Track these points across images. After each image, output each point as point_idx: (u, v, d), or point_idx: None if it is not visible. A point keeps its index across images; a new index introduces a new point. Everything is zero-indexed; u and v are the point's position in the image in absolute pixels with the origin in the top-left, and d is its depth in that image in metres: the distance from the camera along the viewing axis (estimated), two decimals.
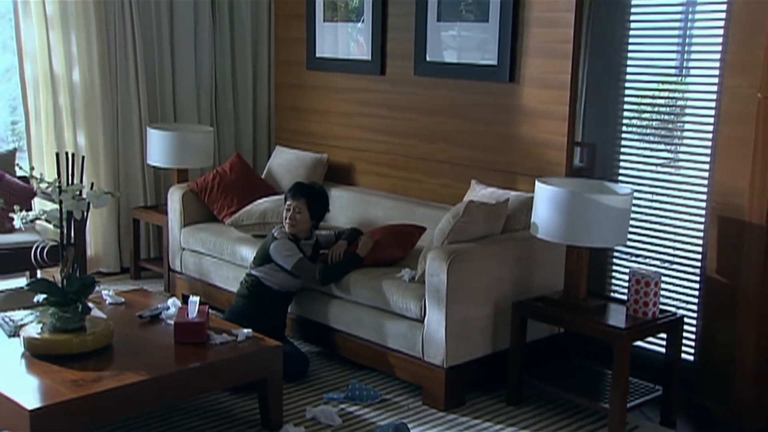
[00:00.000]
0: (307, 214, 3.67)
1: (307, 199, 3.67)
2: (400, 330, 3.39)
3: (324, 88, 4.87)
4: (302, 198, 3.67)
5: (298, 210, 3.65)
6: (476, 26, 3.98)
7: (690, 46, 3.54)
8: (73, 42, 4.73)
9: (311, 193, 3.72)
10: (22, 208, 3.48)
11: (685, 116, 3.52)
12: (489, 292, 3.35)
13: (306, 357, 3.62)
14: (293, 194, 3.70)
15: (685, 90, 3.52)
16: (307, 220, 3.68)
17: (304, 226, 3.68)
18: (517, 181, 3.89)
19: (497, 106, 3.96)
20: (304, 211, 3.66)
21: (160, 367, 2.81)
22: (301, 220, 3.66)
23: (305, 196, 3.68)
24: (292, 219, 3.65)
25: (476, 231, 3.39)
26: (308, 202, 3.67)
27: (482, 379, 3.44)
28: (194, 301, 3.09)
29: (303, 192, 3.70)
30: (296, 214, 3.65)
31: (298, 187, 3.74)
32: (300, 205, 3.66)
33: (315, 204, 3.70)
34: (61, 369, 2.70)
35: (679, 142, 3.55)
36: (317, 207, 3.72)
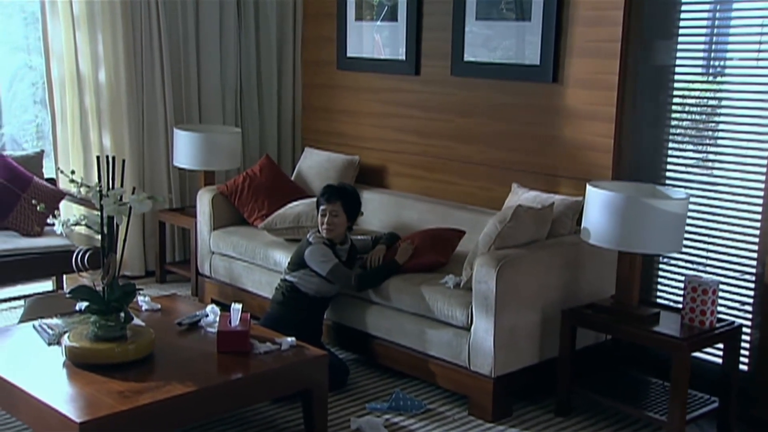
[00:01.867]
0: (344, 217, 3.58)
1: (343, 201, 3.58)
2: (445, 338, 3.29)
3: (355, 88, 4.77)
4: (338, 200, 3.57)
5: (335, 213, 3.55)
6: (517, 25, 3.88)
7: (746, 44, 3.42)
8: (100, 42, 4.64)
9: (346, 194, 3.63)
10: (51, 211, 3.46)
11: (738, 117, 3.40)
12: (537, 299, 3.26)
13: (345, 365, 3.53)
14: (328, 197, 3.59)
15: (740, 90, 3.40)
16: (344, 223, 3.59)
17: (341, 229, 3.59)
18: (559, 184, 3.79)
19: (539, 107, 3.86)
20: (341, 213, 3.57)
21: (206, 377, 2.72)
22: (339, 224, 3.56)
23: (340, 198, 3.59)
24: (329, 224, 3.55)
25: (523, 236, 3.30)
26: (344, 204, 3.58)
27: (529, 389, 3.34)
28: (237, 309, 3.00)
29: (338, 194, 3.61)
30: (333, 218, 3.55)
31: (331, 190, 3.65)
32: (336, 208, 3.56)
33: (350, 205, 3.62)
34: (105, 379, 2.61)
35: (733, 144, 3.43)
36: (353, 208, 3.64)
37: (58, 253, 3.94)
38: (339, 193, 3.61)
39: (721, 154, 3.46)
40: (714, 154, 3.50)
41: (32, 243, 3.93)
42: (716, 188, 3.44)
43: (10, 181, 4.04)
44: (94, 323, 2.76)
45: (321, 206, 3.61)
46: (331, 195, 3.60)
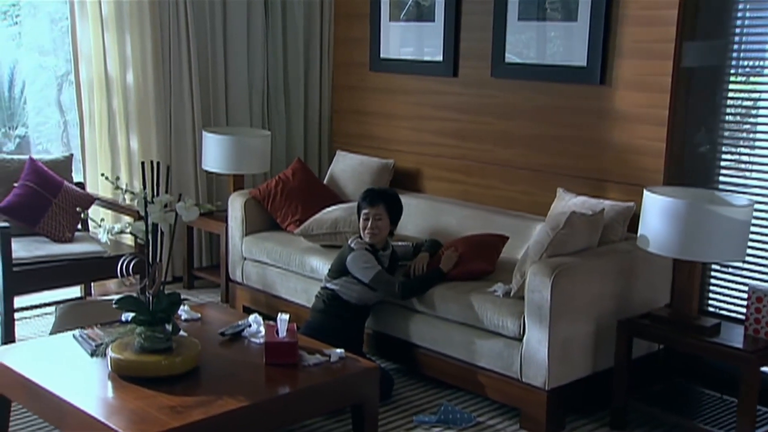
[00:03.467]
0: (388, 220, 3.50)
1: (386, 203, 3.50)
2: (495, 348, 3.19)
3: (389, 90, 4.67)
4: (381, 203, 3.48)
5: (378, 217, 3.46)
6: (563, 26, 3.77)
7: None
8: (128, 43, 4.55)
9: (389, 197, 3.56)
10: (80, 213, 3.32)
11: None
12: (591, 308, 3.15)
13: (390, 375, 3.43)
14: (370, 201, 3.50)
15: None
16: (387, 227, 3.50)
17: (384, 234, 3.50)
18: (606, 189, 3.69)
19: (585, 109, 3.75)
20: (385, 217, 3.48)
21: (257, 391, 2.62)
22: (383, 227, 3.48)
23: (384, 201, 3.50)
24: (373, 228, 3.45)
25: (577, 243, 3.19)
26: (387, 207, 3.50)
27: (582, 402, 3.24)
28: (284, 319, 2.90)
29: (381, 197, 3.52)
30: (377, 222, 3.46)
31: (374, 193, 3.56)
32: (380, 211, 3.47)
33: (394, 208, 3.54)
34: (153, 393, 2.52)
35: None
36: (396, 211, 3.56)
37: (90, 259, 3.85)
38: (382, 196, 3.54)
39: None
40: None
41: (65, 249, 3.83)
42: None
43: (41, 186, 3.95)
44: (140, 334, 2.66)
45: (363, 210, 3.50)
46: (374, 198, 3.51)
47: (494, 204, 4.16)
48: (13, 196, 3.88)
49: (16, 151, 7.19)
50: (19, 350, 2.91)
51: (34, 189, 3.92)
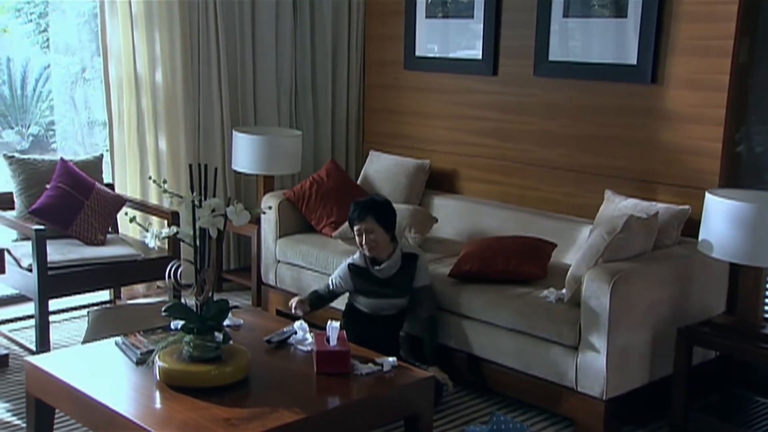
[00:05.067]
0: (381, 231, 3.30)
1: (375, 215, 3.30)
2: (548, 356, 3.08)
3: (424, 89, 4.56)
4: (369, 216, 3.29)
5: (369, 230, 3.28)
6: (611, 23, 3.66)
7: None
8: (157, 41, 4.45)
9: (376, 207, 3.33)
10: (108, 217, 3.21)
11: None
12: (648, 315, 3.04)
13: (439, 383, 3.32)
14: (358, 215, 3.31)
15: None
16: (384, 237, 3.31)
17: (384, 244, 3.32)
18: (657, 191, 3.58)
19: (634, 109, 3.64)
20: (377, 228, 3.29)
21: (311, 403, 2.51)
22: (378, 240, 3.30)
23: (371, 212, 3.30)
24: (369, 243, 3.30)
25: (633, 248, 3.08)
26: (377, 218, 3.29)
27: (638, 412, 3.13)
28: (335, 327, 2.79)
29: (367, 210, 3.31)
30: (370, 236, 3.29)
31: (360, 207, 3.34)
32: (370, 225, 3.28)
33: (384, 216, 3.32)
34: (205, 404, 2.41)
35: None
36: (387, 219, 3.34)
37: (125, 263, 3.75)
38: (369, 208, 3.32)
39: None
40: None
41: (98, 252, 3.73)
42: None
43: (74, 188, 3.85)
44: (189, 343, 2.56)
45: (354, 226, 3.34)
46: (360, 212, 3.32)
47: (535, 206, 4.05)
48: (45, 198, 3.79)
49: (29, 150, 7.13)
50: (62, 357, 2.81)
51: (66, 191, 3.83)
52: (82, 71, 4.99)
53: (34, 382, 2.69)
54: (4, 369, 3.49)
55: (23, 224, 3.61)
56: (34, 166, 3.93)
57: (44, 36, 7.12)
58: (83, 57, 4.89)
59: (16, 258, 3.63)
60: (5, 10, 6.31)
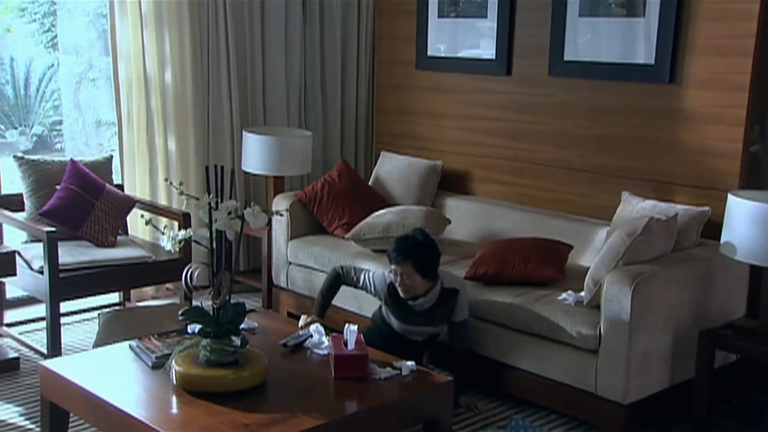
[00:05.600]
0: (418, 277, 3.09)
1: (414, 261, 3.07)
2: (567, 360, 3.04)
3: (436, 89, 4.52)
4: (408, 261, 3.06)
5: (406, 275, 3.08)
6: (628, 22, 3.62)
7: None
8: (166, 41, 4.41)
9: (417, 252, 3.08)
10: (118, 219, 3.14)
11: None
12: (669, 318, 3.00)
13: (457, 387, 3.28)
14: (396, 258, 3.09)
15: None
16: (421, 283, 3.11)
17: (420, 287, 3.12)
18: (674, 193, 3.53)
19: (652, 109, 3.60)
20: (413, 275, 3.08)
21: (331, 408, 2.48)
22: (415, 284, 3.10)
23: (411, 258, 3.07)
24: (403, 286, 3.11)
25: (653, 251, 3.04)
26: (415, 265, 3.07)
27: (658, 416, 3.08)
28: (353, 330, 2.75)
29: (407, 253, 3.07)
30: (405, 280, 3.09)
31: (400, 247, 3.10)
32: (407, 270, 3.07)
33: (423, 263, 3.09)
34: (224, 409, 2.37)
35: None
36: (427, 266, 3.11)
37: (136, 264, 3.71)
38: (410, 252, 3.08)
39: None
40: None
41: (109, 254, 3.69)
42: None
43: (84, 189, 3.81)
44: (205, 347, 2.52)
45: (391, 264, 3.13)
46: (399, 254, 3.09)
47: (549, 207, 4.00)
48: (55, 200, 3.75)
49: (33, 151, 7.09)
50: (77, 361, 2.78)
51: (76, 192, 3.79)
52: (88, 70, 4.96)
53: (49, 386, 2.66)
54: (15, 372, 3.45)
55: (34, 226, 3.57)
56: (44, 167, 3.89)
57: (48, 35, 7.08)
58: (89, 57, 4.87)
59: (27, 260, 3.59)
60: (9, 10, 6.28)
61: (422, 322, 3.20)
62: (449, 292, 3.18)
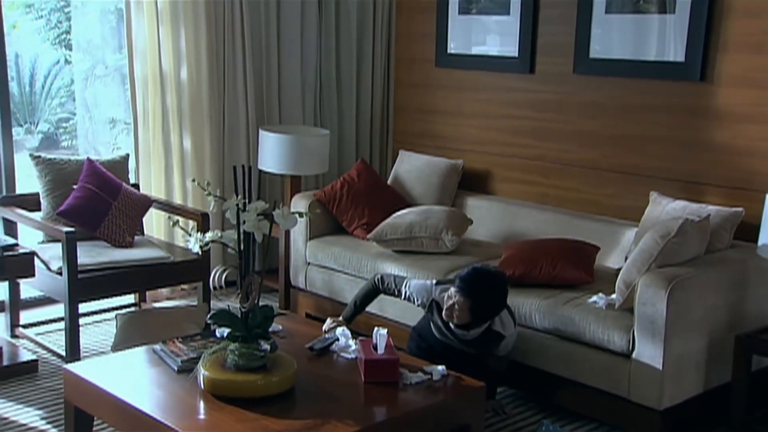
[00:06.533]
0: (467, 315, 2.91)
1: (473, 303, 2.88)
2: (599, 364, 2.97)
3: (456, 87, 4.45)
4: (469, 300, 2.87)
5: (458, 308, 2.91)
6: (658, 19, 3.54)
7: None
8: (182, 38, 4.35)
9: (481, 298, 2.89)
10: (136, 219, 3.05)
11: None
12: (704, 322, 2.93)
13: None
14: (461, 288, 2.88)
15: None
16: (466, 318, 2.93)
17: (463, 321, 2.95)
18: (705, 193, 3.46)
19: (681, 108, 3.53)
20: (465, 311, 2.90)
21: (362, 414, 2.42)
22: (460, 317, 2.93)
23: (473, 299, 2.87)
24: (449, 311, 2.94)
25: (687, 253, 2.97)
26: (473, 308, 2.89)
27: (692, 422, 3.02)
28: (383, 334, 2.69)
29: (474, 294, 2.87)
30: (454, 310, 2.92)
31: (471, 283, 2.88)
32: (463, 307, 2.89)
33: (481, 312, 2.91)
34: (255, 416, 2.32)
35: None
36: (483, 315, 2.92)
37: (155, 265, 3.65)
38: (477, 294, 2.87)
39: None
40: None
41: (127, 255, 3.63)
42: None
43: (101, 189, 3.74)
44: (233, 351, 2.46)
45: (452, 288, 2.94)
46: (466, 289, 2.87)
47: (574, 208, 3.94)
48: (72, 199, 3.69)
49: (40, 149, 7.03)
50: (101, 365, 2.72)
51: (93, 191, 3.72)
52: (98, 67, 4.90)
53: (73, 390, 2.60)
54: (33, 375, 3.39)
55: (53, 226, 3.51)
56: (61, 166, 3.83)
57: (55, 32, 7.02)
58: (99, 54, 4.81)
59: (45, 261, 3.53)
60: (15, 6, 6.22)
61: (458, 344, 3.03)
62: (494, 334, 3.00)
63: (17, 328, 3.85)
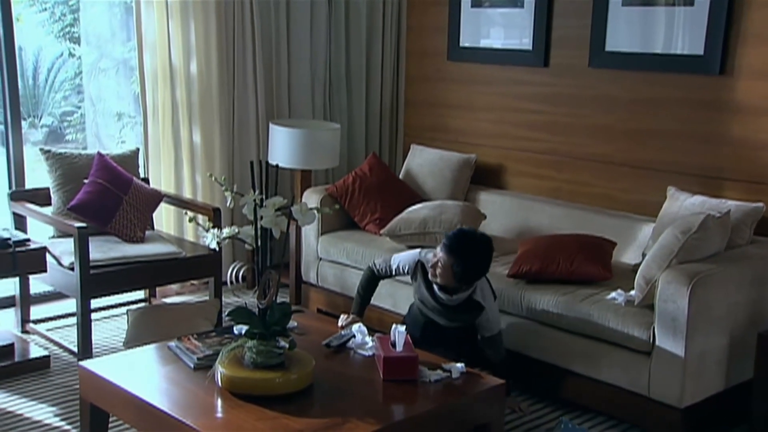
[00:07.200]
0: (450, 274, 2.92)
1: (457, 262, 2.89)
2: (618, 362, 2.93)
3: (468, 80, 4.41)
4: (452, 257, 2.89)
5: (441, 266, 2.93)
6: (676, 11, 3.50)
7: None
8: (192, 31, 4.30)
9: (464, 255, 2.89)
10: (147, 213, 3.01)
11: None
12: (726, 319, 2.89)
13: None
14: (445, 246, 2.92)
15: None
16: (450, 281, 2.95)
17: (446, 282, 2.96)
18: (724, 188, 3.42)
19: (700, 101, 3.48)
20: (448, 269, 2.91)
21: (382, 412, 2.39)
22: (443, 276, 2.95)
23: (457, 257, 2.89)
24: (433, 269, 2.97)
25: (708, 249, 2.93)
26: (454, 266, 2.89)
27: (712, 420, 2.98)
28: (401, 332, 2.65)
29: (458, 253, 2.89)
30: (438, 269, 2.95)
31: (454, 242, 2.92)
32: (446, 265, 2.91)
33: (463, 269, 2.90)
34: (274, 414, 2.28)
35: None
36: (466, 275, 2.92)
37: (166, 261, 3.61)
38: (459, 251, 2.89)
39: None
40: None
41: (139, 250, 3.59)
42: None
43: (112, 183, 3.71)
44: (251, 349, 2.43)
45: (438, 248, 2.97)
46: (450, 245, 2.91)
47: (589, 202, 3.90)
48: (83, 194, 3.65)
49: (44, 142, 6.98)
50: (116, 362, 2.68)
51: (104, 186, 3.69)
52: (105, 60, 4.86)
53: (88, 387, 2.57)
54: (45, 371, 3.36)
55: (64, 221, 3.47)
56: (71, 160, 3.79)
57: (59, 25, 6.97)
58: (108, 47, 4.76)
59: (56, 256, 3.50)
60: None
61: (438, 312, 3.05)
62: (475, 304, 3.01)
63: (28, 324, 3.83)
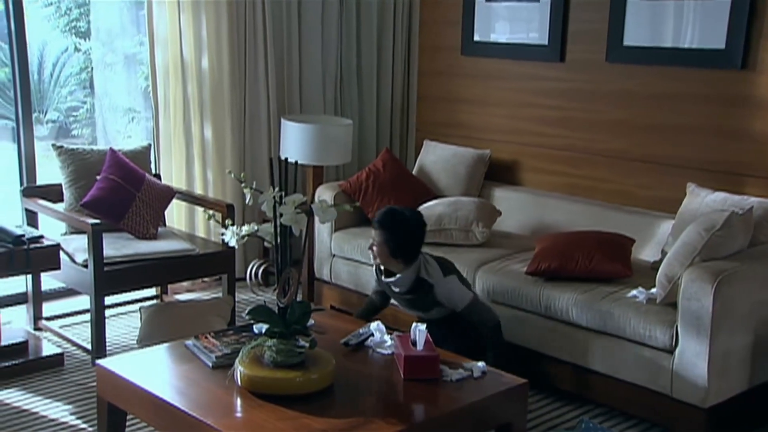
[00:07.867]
0: (386, 250, 2.98)
1: (387, 235, 2.96)
2: (640, 360, 2.89)
3: (482, 75, 4.36)
4: (382, 232, 2.98)
5: (376, 244, 3.00)
6: (695, 5, 3.45)
7: None
8: (203, 26, 4.27)
9: (394, 226, 2.96)
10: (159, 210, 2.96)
11: None
12: (750, 317, 2.85)
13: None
14: (375, 222, 3.03)
15: None
16: (386, 256, 3.00)
17: (384, 260, 3.02)
18: (745, 184, 3.38)
19: (721, 96, 3.44)
20: (382, 245, 2.98)
21: (405, 413, 2.35)
22: (380, 254, 3.01)
23: (386, 230, 2.97)
24: (371, 251, 3.06)
25: (731, 246, 2.89)
26: (386, 238, 2.97)
27: (735, 420, 2.94)
28: (422, 330, 2.62)
29: (386, 226, 2.97)
30: (374, 248, 3.02)
31: (383, 216, 3.02)
32: (379, 240, 2.98)
33: (394, 242, 2.96)
34: (295, 413, 2.24)
35: None
36: (398, 245, 2.97)
37: (180, 257, 3.58)
38: (387, 223, 2.98)
39: None
40: None
41: (153, 247, 3.56)
42: None
43: (124, 180, 3.67)
44: (271, 347, 2.39)
45: (372, 229, 3.06)
46: (379, 220, 3.01)
47: (605, 199, 3.85)
48: (96, 191, 3.62)
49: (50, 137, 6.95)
50: (133, 360, 2.65)
51: (117, 182, 3.65)
52: (112, 55, 4.81)
53: (106, 386, 2.54)
54: (59, 369, 3.33)
55: (78, 218, 3.44)
56: (83, 156, 3.76)
57: (65, 20, 6.93)
58: (117, 42, 4.72)
59: (69, 253, 3.47)
60: None
61: (407, 305, 3.12)
62: (423, 283, 3.02)
63: (40, 321, 3.80)
